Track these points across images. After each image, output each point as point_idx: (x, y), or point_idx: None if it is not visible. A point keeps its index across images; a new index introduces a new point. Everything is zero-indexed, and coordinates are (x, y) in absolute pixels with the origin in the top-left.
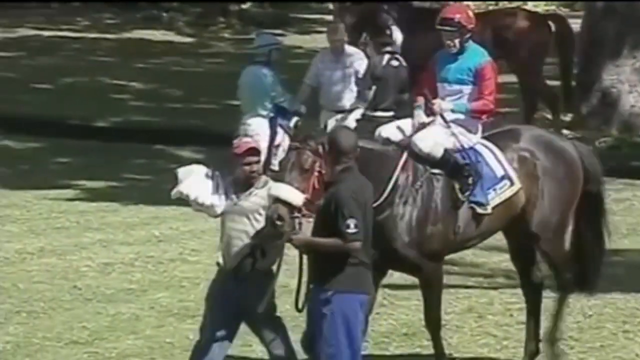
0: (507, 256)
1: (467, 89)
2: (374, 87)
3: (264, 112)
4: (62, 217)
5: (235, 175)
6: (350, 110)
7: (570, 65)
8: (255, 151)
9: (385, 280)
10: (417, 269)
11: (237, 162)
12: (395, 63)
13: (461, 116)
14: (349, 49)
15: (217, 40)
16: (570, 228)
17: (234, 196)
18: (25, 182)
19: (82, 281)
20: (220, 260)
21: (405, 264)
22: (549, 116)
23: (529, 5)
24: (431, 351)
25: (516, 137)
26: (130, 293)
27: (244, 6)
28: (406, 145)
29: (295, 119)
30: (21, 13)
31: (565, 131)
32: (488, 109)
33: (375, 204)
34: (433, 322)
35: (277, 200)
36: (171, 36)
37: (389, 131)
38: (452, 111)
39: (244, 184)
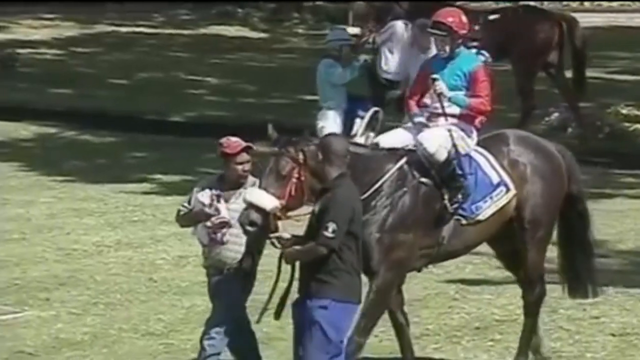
0: None
1: (460, 94)
2: None
3: (334, 105)
4: (138, 211)
5: (226, 174)
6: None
7: (582, 62)
8: (250, 151)
9: (458, 275)
10: (374, 274)
11: (228, 161)
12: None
13: (457, 111)
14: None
15: (290, 36)
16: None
17: (221, 198)
18: (102, 176)
19: (158, 274)
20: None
21: (367, 264)
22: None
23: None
24: (503, 345)
25: (505, 140)
26: (205, 286)
27: (318, 2)
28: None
29: (373, 110)
30: (99, 10)
31: None
32: (485, 108)
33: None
34: (357, 343)
35: (250, 205)
36: (245, 32)
37: (389, 142)
38: (450, 100)
39: (234, 183)
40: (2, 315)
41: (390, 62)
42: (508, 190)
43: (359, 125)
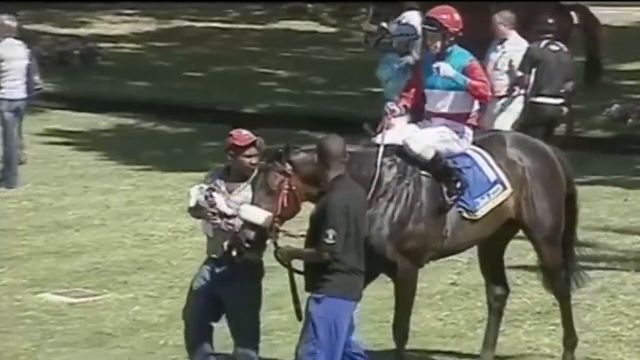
0: (639, 238)
1: (452, 93)
2: (533, 71)
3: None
4: None
5: (233, 166)
6: (510, 97)
7: (596, 50)
8: (258, 144)
9: (520, 262)
10: (393, 267)
11: (237, 153)
12: (554, 47)
13: (450, 110)
14: (511, 37)
15: (358, 30)
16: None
17: (224, 188)
18: (178, 165)
19: None
20: (212, 253)
21: (381, 261)
22: None
23: None
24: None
25: (502, 142)
26: (275, 270)
27: None
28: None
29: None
30: (175, 5)
31: None
32: (485, 92)
33: None
34: (400, 330)
35: (245, 222)
36: (315, 26)
37: (419, 146)
38: (452, 79)
39: (240, 176)
40: (83, 298)
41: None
42: (505, 188)
43: None
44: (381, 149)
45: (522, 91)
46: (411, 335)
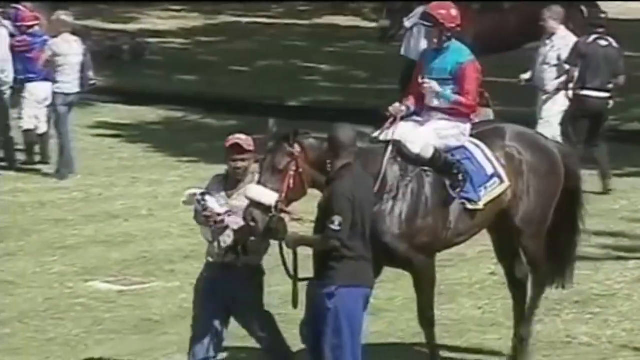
0: None
1: (448, 89)
2: (579, 65)
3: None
4: None
5: (228, 170)
6: (558, 90)
7: None
8: (239, 149)
9: None
10: (408, 263)
11: (226, 156)
12: (603, 42)
13: (446, 104)
14: (560, 31)
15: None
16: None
17: (223, 193)
18: (223, 157)
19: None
20: (210, 257)
21: (395, 258)
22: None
23: None
24: (601, 318)
25: (502, 135)
26: None
27: None
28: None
29: None
30: (222, 1)
31: None
32: (470, 104)
33: None
34: (426, 320)
35: (250, 201)
36: (357, 21)
37: (417, 146)
38: (438, 95)
39: (234, 180)
40: (131, 286)
41: (420, 43)
42: (502, 182)
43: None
44: (390, 147)
45: (569, 85)
46: (450, 324)
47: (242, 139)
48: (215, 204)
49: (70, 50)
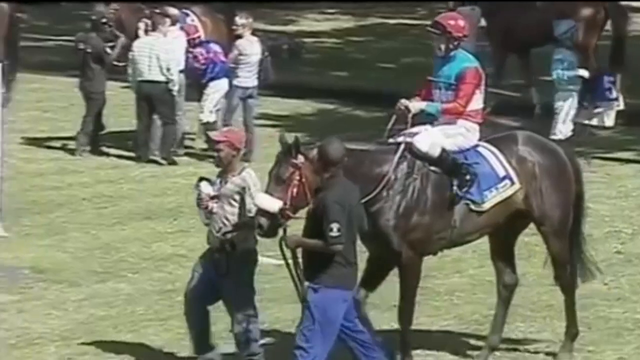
0: None
1: (433, 104)
2: None
3: (572, 87)
4: None
5: None
6: None
7: (623, 36)
8: (214, 141)
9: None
10: (397, 255)
11: None
12: None
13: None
14: None
15: None
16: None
17: (218, 181)
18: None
19: None
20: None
21: (387, 248)
22: None
23: None
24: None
25: (514, 140)
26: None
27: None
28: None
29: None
30: (371, 5)
31: None
32: (458, 110)
33: (369, 197)
34: (404, 316)
35: (258, 209)
36: None
37: (425, 145)
38: (423, 111)
39: (224, 170)
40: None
41: None
42: (513, 183)
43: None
44: (401, 147)
45: None
46: (578, 298)
47: (216, 133)
48: (209, 189)
49: (252, 51)
